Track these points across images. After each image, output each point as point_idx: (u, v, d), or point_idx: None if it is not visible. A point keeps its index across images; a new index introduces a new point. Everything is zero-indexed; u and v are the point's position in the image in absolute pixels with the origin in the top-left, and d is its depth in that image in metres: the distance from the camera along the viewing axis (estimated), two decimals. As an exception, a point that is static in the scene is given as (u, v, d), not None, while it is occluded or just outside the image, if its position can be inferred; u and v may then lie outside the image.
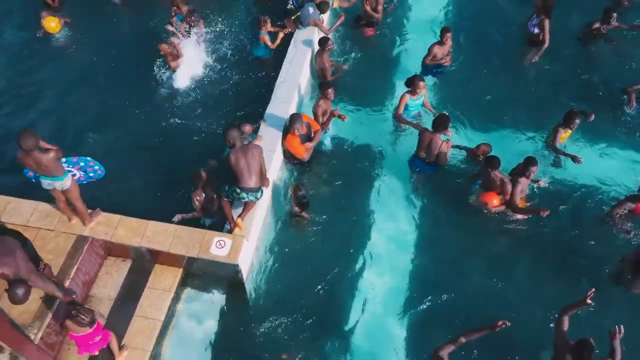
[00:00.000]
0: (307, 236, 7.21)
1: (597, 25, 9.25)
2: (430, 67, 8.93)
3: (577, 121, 7.49)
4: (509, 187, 6.91)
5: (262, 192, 6.51)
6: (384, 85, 8.96)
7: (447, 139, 7.45)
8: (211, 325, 6.50)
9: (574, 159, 7.51)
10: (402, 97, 7.98)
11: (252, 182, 6.32)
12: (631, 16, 9.85)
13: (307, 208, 7.17)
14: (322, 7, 8.89)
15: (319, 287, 6.77)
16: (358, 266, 6.98)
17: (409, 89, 7.93)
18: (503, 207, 7.11)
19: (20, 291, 5.01)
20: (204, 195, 6.82)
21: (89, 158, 6.20)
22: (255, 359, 6.22)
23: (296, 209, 7.14)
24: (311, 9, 8.80)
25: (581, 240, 7.09)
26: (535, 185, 7.46)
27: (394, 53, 9.54)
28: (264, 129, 7.56)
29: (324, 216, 7.30)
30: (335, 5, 9.98)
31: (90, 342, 5.64)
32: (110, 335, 5.83)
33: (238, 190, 6.32)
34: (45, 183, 5.86)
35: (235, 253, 6.32)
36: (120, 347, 5.95)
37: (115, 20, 9.86)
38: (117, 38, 9.49)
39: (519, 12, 9.74)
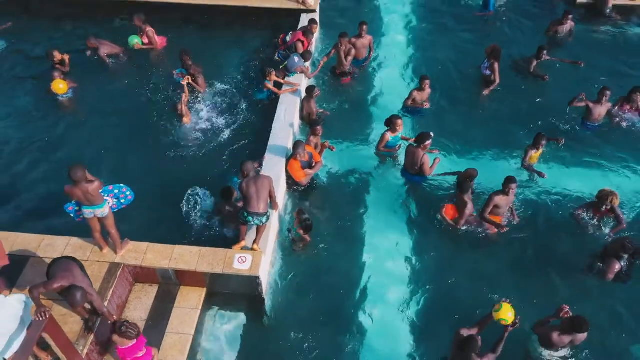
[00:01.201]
0: (312, 254, 8.00)
1: (532, 60, 10.81)
2: (410, 108, 10.09)
3: (544, 142, 8.74)
4: (468, 211, 7.95)
5: (268, 217, 7.24)
6: (364, 123, 10.03)
7: (436, 157, 8.61)
8: (235, 336, 7.14)
9: (540, 174, 8.79)
10: (383, 135, 8.99)
11: (259, 207, 7.05)
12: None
13: (311, 230, 7.96)
14: (305, 56, 10.13)
15: (328, 297, 7.52)
16: (360, 276, 7.77)
17: (389, 127, 8.98)
18: (453, 224, 8.10)
19: (78, 293, 5.67)
20: (227, 208, 7.64)
21: (122, 184, 6.99)
22: None
23: (301, 232, 7.91)
24: (296, 59, 10.02)
25: (554, 239, 8.10)
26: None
27: (370, 96, 10.65)
28: (267, 162, 8.52)
29: (326, 233, 8.14)
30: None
31: (137, 356, 6.17)
32: (153, 350, 6.38)
33: (246, 214, 7.09)
34: (87, 212, 6.58)
35: (256, 266, 7.09)
36: None
37: (119, 80, 10.78)
38: (123, 95, 10.39)
39: (475, 57, 11.26)
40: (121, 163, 8.96)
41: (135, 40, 11.13)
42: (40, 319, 5.18)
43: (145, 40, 11.19)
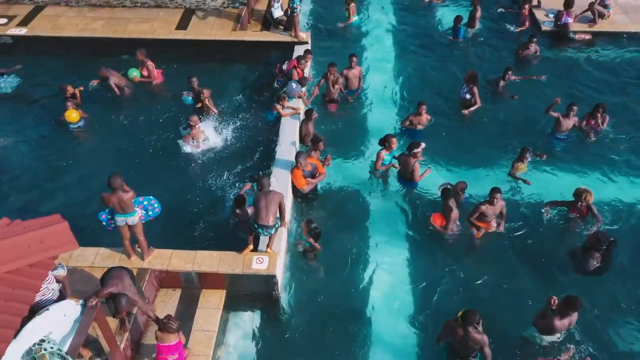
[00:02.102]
0: (319, 258, 8.74)
1: (499, 81, 12.00)
2: (405, 129, 11.04)
3: (528, 156, 9.77)
4: (454, 216, 8.75)
5: (275, 229, 7.93)
6: (359, 141, 10.95)
7: (427, 168, 9.60)
8: (254, 331, 7.79)
9: (525, 182, 9.79)
10: (378, 154, 9.83)
11: (267, 220, 7.74)
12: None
13: (320, 238, 8.63)
14: (302, 82, 11.09)
15: (337, 296, 8.21)
16: (365, 276, 8.50)
17: (384, 146, 9.83)
18: (442, 230, 8.86)
19: (123, 299, 6.31)
20: (239, 212, 8.40)
21: (151, 197, 7.69)
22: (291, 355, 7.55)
23: (311, 240, 8.56)
24: (294, 85, 10.99)
25: (539, 237, 8.95)
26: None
27: (362, 119, 11.60)
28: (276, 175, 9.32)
29: (330, 238, 8.84)
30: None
31: (170, 357, 6.66)
32: (187, 350, 6.93)
33: (255, 226, 7.82)
34: (120, 220, 7.26)
35: (273, 266, 7.80)
36: None
37: (126, 108, 11.57)
38: (132, 122, 11.17)
39: (455, 80, 12.36)
40: (136, 180, 9.46)
41: (134, 73, 11.98)
42: (92, 303, 5.80)
43: (145, 73, 12.03)
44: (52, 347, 5.37)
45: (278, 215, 8.00)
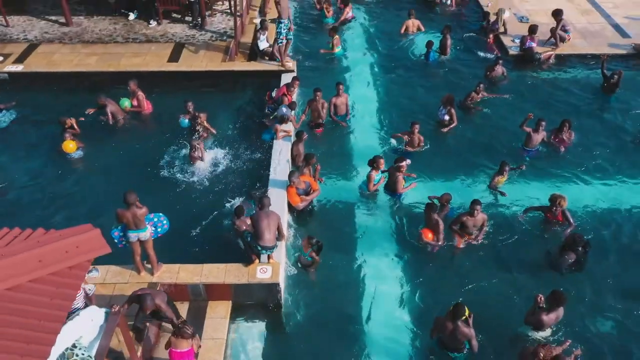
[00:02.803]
0: (318, 269, 9.31)
1: (471, 94, 13.01)
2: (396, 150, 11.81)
3: (507, 169, 10.56)
4: (441, 226, 9.42)
5: (276, 247, 8.51)
6: (348, 161, 11.70)
7: (412, 182, 10.38)
8: (260, 337, 8.29)
9: (502, 194, 10.60)
10: (369, 176, 10.43)
11: (270, 241, 8.28)
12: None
13: (321, 250, 9.10)
14: (292, 106, 11.82)
15: (335, 302, 8.78)
16: (359, 283, 9.09)
17: (373, 166, 10.49)
18: (435, 242, 9.46)
19: (148, 297, 6.91)
20: (238, 223, 8.95)
21: (161, 214, 8.21)
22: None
23: (313, 254, 9.08)
24: (284, 109, 11.71)
25: (520, 243, 9.65)
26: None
27: (348, 142, 12.35)
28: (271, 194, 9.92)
29: (325, 248, 9.40)
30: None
31: None
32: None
33: (259, 248, 8.34)
34: (132, 236, 7.77)
35: (276, 274, 8.37)
36: None
37: (122, 136, 12.19)
38: (128, 148, 11.76)
39: (432, 101, 13.26)
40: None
41: (125, 103, 12.58)
42: (115, 310, 6.28)
43: (135, 103, 12.63)
44: (83, 354, 5.82)
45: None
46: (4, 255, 5.11)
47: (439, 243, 9.49)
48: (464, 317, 7.47)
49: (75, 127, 11.79)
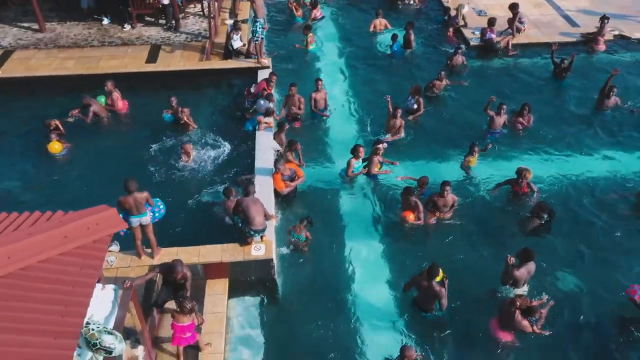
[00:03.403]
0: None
1: (434, 82, 13.92)
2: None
3: (476, 149, 11.39)
4: (421, 206, 10.19)
5: (266, 228, 9.11)
6: (325, 151, 12.40)
7: (387, 169, 11.20)
8: (257, 310, 8.90)
9: (467, 173, 11.50)
10: (349, 162, 11.11)
11: (260, 224, 8.88)
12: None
13: (312, 226, 9.77)
14: (269, 98, 12.45)
15: (324, 275, 9.46)
16: (344, 257, 9.79)
17: (353, 154, 11.18)
18: (416, 221, 10.16)
19: (179, 262, 7.60)
20: (229, 203, 9.54)
21: (158, 199, 8.74)
22: (287, 328, 8.66)
23: (308, 234, 9.73)
24: (262, 102, 12.38)
25: (491, 213, 10.59)
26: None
27: (326, 133, 13.07)
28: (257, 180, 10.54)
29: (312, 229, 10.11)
30: None
31: (184, 336, 7.63)
32: (198, 335, 7.89)
33: (252, 232, 8.91)
34: (134, 221, 8.27)
35: (270, 251, 9.00)
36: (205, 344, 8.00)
37: (105, 135, 12.65)
38: (113, 145, 12.24)
39: (399, 91, 14.07)
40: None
41: (101, 100, 13.01)
42: (127, 286, 6.81)
43: (109, 102, 13.05)
44: (97, 327, 6.31)
45: None
46: (32, 234, 5.60)
47: (421, 222, 10.17)
48: (440, 279, 8.27)
49: (61, 127, 12.14)
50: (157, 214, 8.79)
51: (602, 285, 9.07)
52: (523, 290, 8.83)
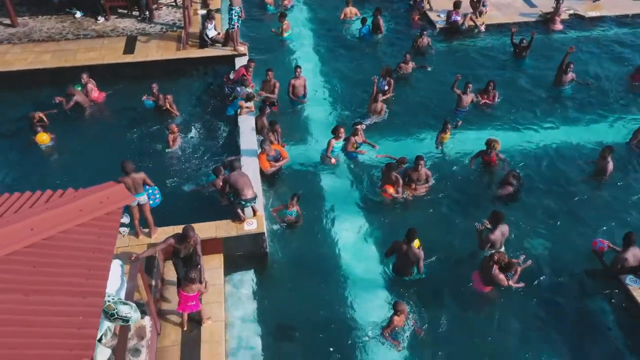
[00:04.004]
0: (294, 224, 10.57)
1: (400, 64, 14.60)
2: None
3: (449, 127, 12.12)
4: (400, 181, 10.85)
5: (257, 197, 9.73)
6: (305, 133, 12.97)
7: (363, 149, 11.84)
8: (250, 282, 9.44)
9: (438, 147, 12.21)
10: (329, 142, 11.68)
11: (250, 194, 9.45)
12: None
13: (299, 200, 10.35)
14: (244, 84, 12.89)
15: (311, 248, 10.05)
16: (329, 230, 10.40)
17: (335, 135, 11.73)
18: (395, 194, 10.82)
19: (190, 228, 8.01)
20: (218, 181, 10.10)
21: (155, 187, 9.16)
22: (279, 296, 9.25)
23: (299, 209, 10.28)
24: (239, 89, 12.87)
25: (466, 184, 11.36)
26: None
27: (304, 116, 13.62)
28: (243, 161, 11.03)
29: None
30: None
31: (189, 304, 8.16)
32: (201, 305, 8.38)
33: (243, 202, 9.47)
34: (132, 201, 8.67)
35: (261, 225, 9.56)
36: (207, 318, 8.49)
37: (89, 124, 13.00)
38: (97, 133, 12.62)
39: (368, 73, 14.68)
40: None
41: (77, 89, 13.22)
42: (133, 258, 7.28)
43: (85, 93, 13.25)
44: (113, 298, 6.76)
45: None
46: (49, 208, 6.01)
47: (399, 195, 10.84)
48: (417, 246, 9.02)
49: (45, 119, 12.33)
50: (151, 202, 9.20)
51: (569, 241, 9.97)
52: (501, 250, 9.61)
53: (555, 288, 9.19)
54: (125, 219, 7.70)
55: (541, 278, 9.29)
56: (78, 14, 16.44)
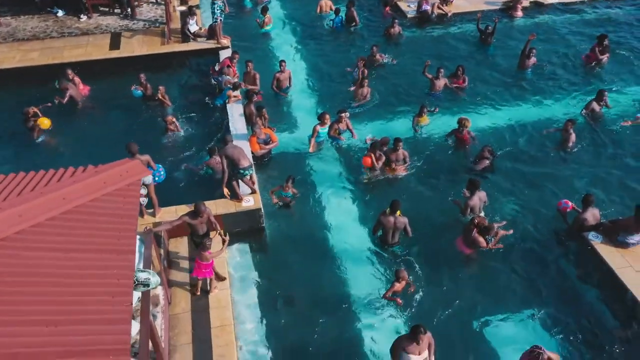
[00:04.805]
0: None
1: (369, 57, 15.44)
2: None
3: (425, 110, 13.01)
4: (383, 157, 11.68)
5: (252, 165, 10.39)
6: (290, 119, 13.76)
7: (342, 136, 12.60)
8: (249, 254, 10.16)
9: (415, 130, 13.11)
10: (314, 127, 12.39)
11: (246, 162, 10.19)
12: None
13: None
14: (225, 72, 13.55)
15: (303, 223, 10.83)
16: (317, 207, 11.15)
17: (320, 121, 12.47)
18: (376, 164, 11.55)
19: (203, 203, 8.83)
20: (214, 161, 10.87)
21: (159, 164, 9.79)
22: (276, 266, 9.99)
23: (294, 190, 11.02)
24: (220, 78, 13.59)
25: (443, 161, 12.25)
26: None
27: (288, 104, 14.42)
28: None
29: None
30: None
31: (203, 270, 8.87)
32: (214, 273, 9.11)
33: (242, 171, 10.17)
34: (138, 182, 9.30)
35: (258, 202, 10.30)
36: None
37: (84, 114, 13.56)
38: (92, 122, 13.20)
39: (344, 61, 15.59)
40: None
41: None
42: (147, 229, 7.95)
43: None
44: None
45: None
46: (76, 181, 6.64)
47: (378, 165, 11.57)
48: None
49: (39, 113, 12.79)
50: (157, 178, 9.84)
51: (539, 204, 10.97)
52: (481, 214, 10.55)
53: (529, 245, 10.14)
54: (143, 190, 8.37)
55: (517, 236, 10.23)
56: (60, 13, 16.83)
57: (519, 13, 18.09)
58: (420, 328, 7.44)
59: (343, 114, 12.55)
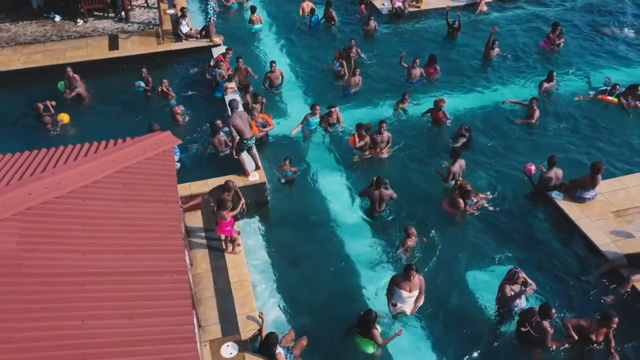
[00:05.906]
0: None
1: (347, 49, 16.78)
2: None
3: (407, 98, 14.45)
4: (367, 139, 12.88)
5: (254, 136, 11.60)
6: (281, 110, 15.03)
7: (329, 127, 13.83)
8: (256, 225, 11.40)
9: (394, 111, 14.55)
10: (305, 116, 13.61)
11: (249, 133, 11.27)
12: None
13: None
14: (217, 66, 14.74)
15: (304, 199, 12.10)
16: (313, 184, 12.44)
17: (312, 111, 13.72)
18: (361, 143, 12.81)
19: (231, 181, 10.10)
20: (217, 139, 12.12)
21: (175, 146, 10.92)
22: (280, 236, 11.20)
23: (293, 169, 12.27)
24: (214, 71, 14.78)
25: (421, 139, 13.69)
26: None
27: (280, 98, 15.70)
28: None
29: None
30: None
31: (225, 228, 10.06)
32: (235, 231, 10.27)
33: (245, 141, 11.29)
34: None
35: (262, 177, 11.54)
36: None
37: (91, 108, 14.58)
38: (99, 115, 14.26)
39: (323, 57, 16.98)
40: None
41: (61, 85, 14.72)
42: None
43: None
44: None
45: None
46: (121, 148, 7.82)
47: (363, 143, 12.75)
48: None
49: (50, 109, 13.77)
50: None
51: (512, 169, 12.55)
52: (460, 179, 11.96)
53: (504, 205, 11.63)
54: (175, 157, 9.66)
55: (494, 197, 11.73)
56: (57, 18, 17.75)
57: (484, 8, 19.78)
58: (412, 266, 8.82)
59: (333, 109, 13.72)
